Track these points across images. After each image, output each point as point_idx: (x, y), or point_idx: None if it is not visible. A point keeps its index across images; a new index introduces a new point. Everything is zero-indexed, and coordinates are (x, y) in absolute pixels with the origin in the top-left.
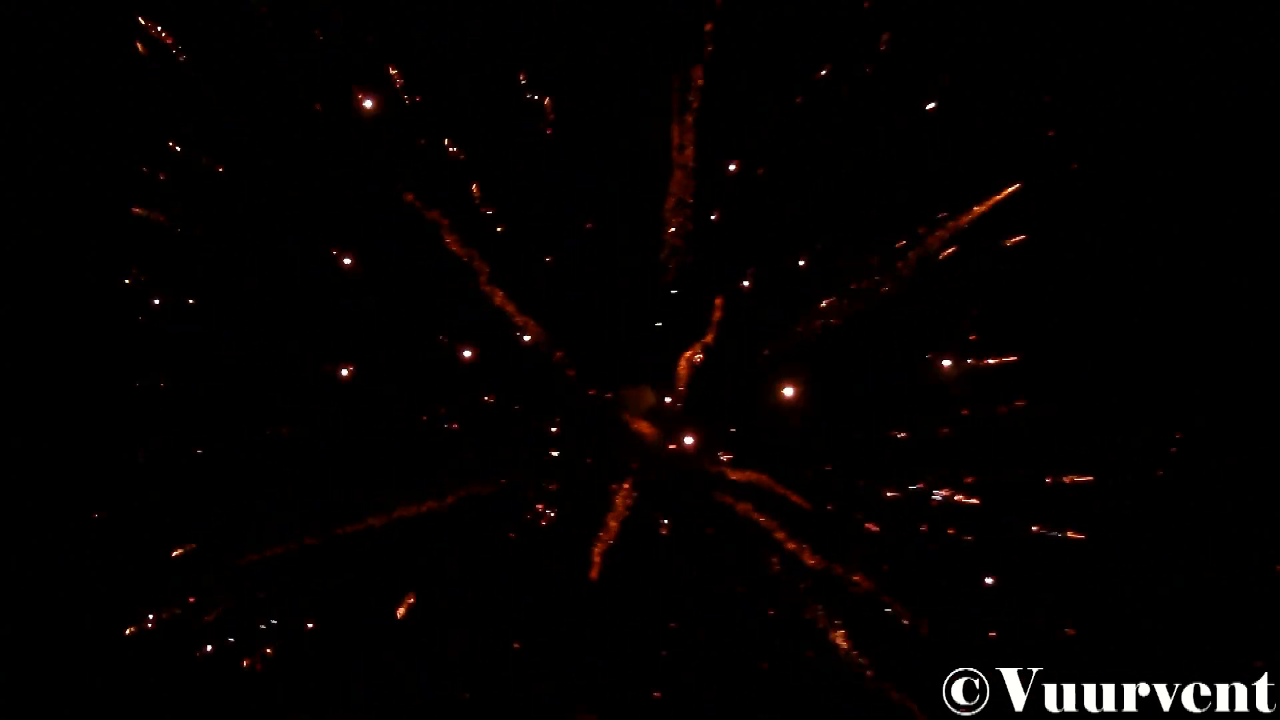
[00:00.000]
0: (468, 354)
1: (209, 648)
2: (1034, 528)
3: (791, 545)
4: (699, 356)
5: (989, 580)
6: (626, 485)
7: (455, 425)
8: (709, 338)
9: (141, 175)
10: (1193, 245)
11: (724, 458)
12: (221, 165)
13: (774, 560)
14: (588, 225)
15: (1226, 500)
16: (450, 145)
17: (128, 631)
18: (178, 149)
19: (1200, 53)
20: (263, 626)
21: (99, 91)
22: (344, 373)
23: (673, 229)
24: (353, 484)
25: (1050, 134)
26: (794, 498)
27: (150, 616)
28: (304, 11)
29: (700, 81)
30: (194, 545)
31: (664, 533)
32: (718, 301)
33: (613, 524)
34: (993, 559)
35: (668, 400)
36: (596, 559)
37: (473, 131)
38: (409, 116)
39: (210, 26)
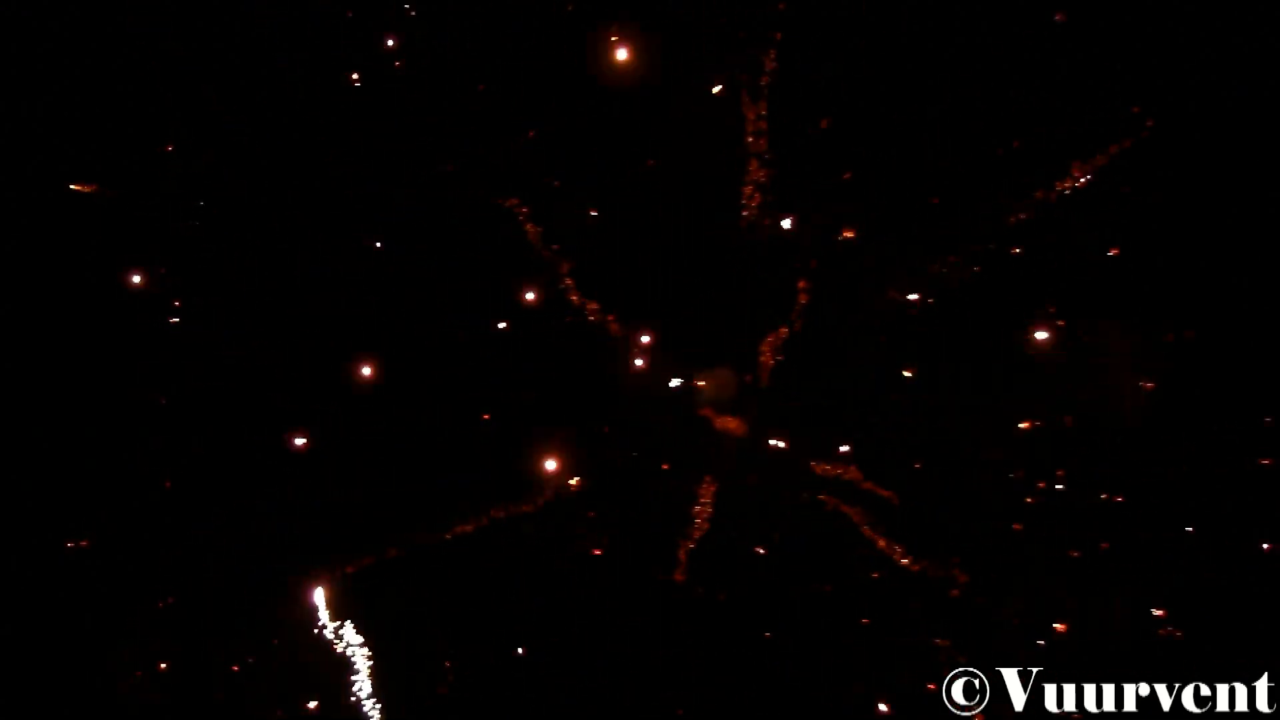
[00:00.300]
0: (542, 352)
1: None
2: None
3: (883, 544)
4: (786, 331)
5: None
6: (709, 482)
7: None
8: (796, 324)
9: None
10: None
11: (843, 449)
12: (259, 145)
13: (866, 561)
14: (663, 215)
15: (1226, 500)
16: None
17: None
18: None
19: None
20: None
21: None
22: (408, 376)
23: (750, 212)
24: (425, 492)
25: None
26: (884, 493)
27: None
28: None
29: (772, 65)
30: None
31: (754, 542)
32: (801, 284)
33: (698, 523)
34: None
35: (752, 394)
36: (682, 559)
37: (531, 125)
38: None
39: None
